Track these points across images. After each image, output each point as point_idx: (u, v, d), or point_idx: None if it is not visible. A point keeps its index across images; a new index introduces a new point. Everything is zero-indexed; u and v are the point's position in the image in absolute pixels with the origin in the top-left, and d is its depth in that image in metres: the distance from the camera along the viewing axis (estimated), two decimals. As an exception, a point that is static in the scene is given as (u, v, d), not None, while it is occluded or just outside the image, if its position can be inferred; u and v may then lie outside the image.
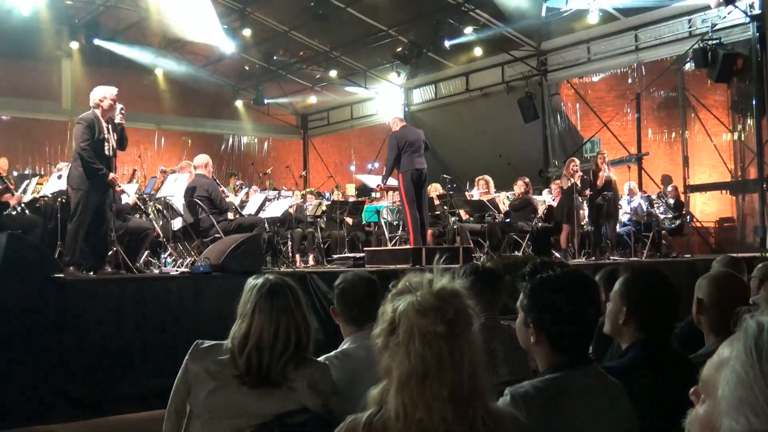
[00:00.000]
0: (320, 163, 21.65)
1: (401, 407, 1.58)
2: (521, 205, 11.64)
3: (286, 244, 11.94)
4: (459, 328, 1.60)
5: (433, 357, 1.57)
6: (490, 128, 17.15)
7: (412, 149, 9.60)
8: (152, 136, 20.19)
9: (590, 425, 2.01)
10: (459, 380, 1.58)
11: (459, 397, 1.57)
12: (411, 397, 1.57)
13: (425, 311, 1.60)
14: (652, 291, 2.60)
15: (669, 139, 15.32)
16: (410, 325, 1.60)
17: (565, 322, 2.08)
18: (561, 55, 15.91)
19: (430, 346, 1.57)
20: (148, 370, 6.26)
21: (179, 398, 2.58)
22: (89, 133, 7.32)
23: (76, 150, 7.38)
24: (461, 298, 1.64)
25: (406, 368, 1.58)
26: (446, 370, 1.57)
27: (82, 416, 5.96)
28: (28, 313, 5.93)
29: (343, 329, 3.10)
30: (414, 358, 1.58)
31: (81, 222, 7.29)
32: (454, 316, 1.60)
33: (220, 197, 9.11)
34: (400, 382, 1.59)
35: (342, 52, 18.36)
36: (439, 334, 1.57)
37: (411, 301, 1.63)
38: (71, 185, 7.47)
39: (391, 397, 1.61)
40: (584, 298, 2.14)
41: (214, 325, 6.35)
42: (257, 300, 2.50)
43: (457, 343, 1.59)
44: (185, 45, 18.64)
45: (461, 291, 1.66)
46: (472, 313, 1.64)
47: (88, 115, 7.46)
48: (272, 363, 2.46)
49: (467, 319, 1.63)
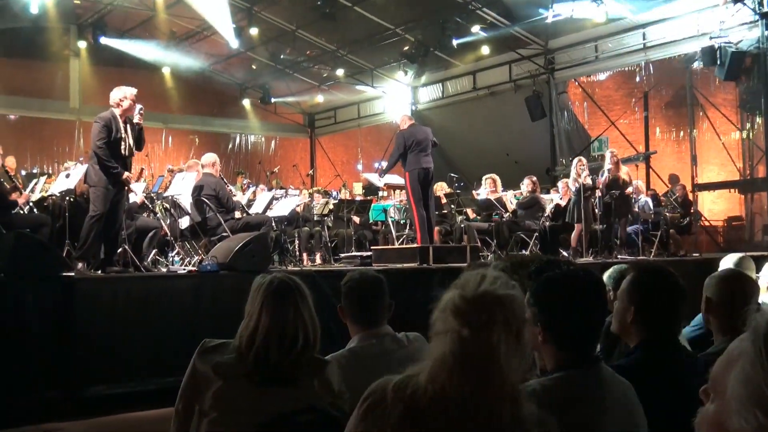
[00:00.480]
0: (327, 162, 21.67)
1: (430, 384, 1.64)
2: (529, 204, 11.62)
3: (294, 243, 11.95)
4: (490, 333, 1.61)
5: (462, 354, 1.61)
6: (497, 127, 17.13)
7: (420, 148, 9.59)
8: (159, 135, 20.24)
9: (599, 424, 2.01)
10: (485, 380, 1.60)
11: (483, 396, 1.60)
12: (439, 381, 1.62)
13: (457, 311, 1.63)
14: (659, 290, 2.59)
15: (677, 138, 15.28)
16: (444, 319, 1.65)
17: (572, 320, 2.07)
18: (568, 54, 15.86)
19: (458, 344, 1.61)
20: (156, 369, 6.27)
21: (187, 397, 2.57)
22: (106, 132, 7.37)
23: (93, 148, 7.42)
24: (502, 305, 1.64)
25: (438, 356, 1.64)
26: (472, 369, 1.60)
27: (89, 414, 5.98)
28: (36, 312, 5.95)
29: (351, 328, 3.09)
30: (445, 349, 1.63)
31: (97, 218, 7.35)
32: (486, 321, 1.61)
33: (227, 196, 9.12)
34: (431, 365, 1.65)
35: (349, 51, 18.36)
36: (465, 337, 1.60)
37: (453, 296, 1.67)
38: (89, 183, 7.53)
39: (425, 374, 1.66)
40: (591, 296, 2.13)
41: (222, 323, 6.35)
42: (265, 298, 2.50)
43: (487, 346, 1.60)
44: (192, 43, 18.68)
45: (507, 296, 1.65)
46: (512, 319, 1.64)
47: (105, 114, 7.50)
48: (280, 361, 2.46)
49: (504, 324, 1.62)
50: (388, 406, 1.66)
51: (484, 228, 11.57)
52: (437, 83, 18.81)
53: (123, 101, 7.58)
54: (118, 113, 7.55)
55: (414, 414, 1.62)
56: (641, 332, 2.58)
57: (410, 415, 1.63)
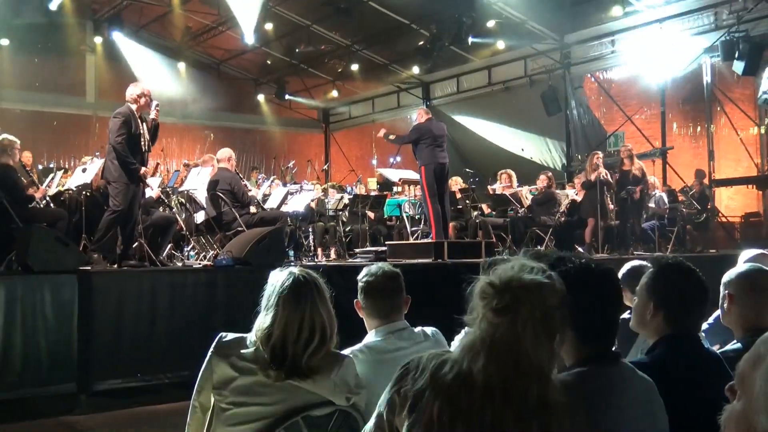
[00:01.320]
0: (342, 157, 21.67)
1: (457, 364, 1.69)
2: (544, 200, 11.57)
3: (308, 238, 11.96)
4: (514, 318, 1.64)
5: (488, 336, 1.65)
6: (512, 122, 17.05)
7: (436, 143, 9.56)
8: (175, 130, 20.30)
9: (620, 420, 1.98)
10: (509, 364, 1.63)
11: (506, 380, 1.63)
12: (467, 362, 1.67)
13: (484, 295, 1.68)
14: (679, 284, 2.56)
15: (694, 133, 15.16)
16: (474, 304, 1.71)
17: (591, 313, 2.04)
18: (584, 48, 15.76)
19: (485, 326, 1.67)
20: (172, 362, 6.31)
21: (203, 391, 2.57)
22: (126, 128, 7.42)
23: (112, 144, 7.45)
24: (528, 290, 1.66)
25: (469, 339, 1.71)
26: (499, 352, 1.64)
27: (105, 408, 6.02)
28: (52, 305, 5.99)
29: (367, 323, 3.08)
30: (476, 332, 1.69)
31: (118, 213, 7.42)
32: (509, 305, 1.64)
33: (242, 191, 9.15)
34: (461, 347, 1.72)
35: (364, 46, 18.34)
36: (489, 320, 1.65)
37: (483, 281, 1.71)
38: (108, 178, 7.59)
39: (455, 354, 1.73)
40: (608, 288, 2.11)
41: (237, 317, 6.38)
42: (282, 292, 2.49)
43: (512, 331, 1.63)
44: (207, 39, 18.73)
45: (533, 282, 1.68)
46: (539, 304, 1.66)
47: (124, 110, 7.54)
48: (297, 355, 2.45)
49: (528, 311, 1.64)
50: (416, 374, 1.73)
51: (499, 223, 11.54)
52: (452, 78, 18.74)
53: (141, 98, 7.65)
54: (134, 109, 7.57)
55: (435, 385, 1.68)
56: (661, 328, 2.54)
57: (431, 384, 1.68)
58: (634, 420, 2.01)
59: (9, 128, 14.97)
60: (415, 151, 9.76)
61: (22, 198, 7.81)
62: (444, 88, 19.12)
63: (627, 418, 2.00)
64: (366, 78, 19.70)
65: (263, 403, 2.44)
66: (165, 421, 5.63)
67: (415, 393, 1.71)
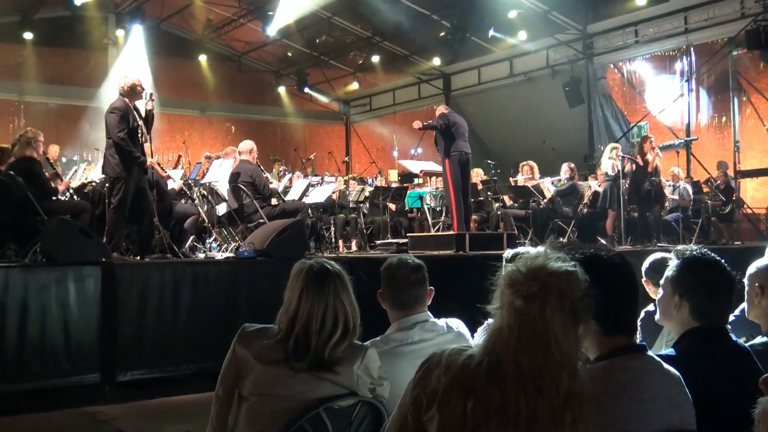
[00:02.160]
0: (362, 149, 21.66)
1: (485, 356, 1.68)
2: (566, 191, 11.49)
3: (329, 230, 11.97)
4: (543, 305, 1.64)
5: (516, 326, 1.65)
6: (534, 113, 16.94)
7: (460, 133, 9.53)
8: (196, 123, 20.40)
9: (646, 414, 1.96)
10: (540, 353, 1.63)
11: (538, 369, 1.63)
12: (495, 353, 1.67)
13: (512, 283, 1.68)
14: (705, 276, 2.51)
15: (719, 124, 14.97)
16: (501, 292, 1.70)
17: (612, 299, 2.02)
18: (607, 38, 15.61)
19: (513, 315, 1.66)
20: (194, 354, 6.34)
21: (227, 381, 2.58)
22: (125, 122, 7.32)
23: (113, 139, 7.32)
24: (556, 278, 1.66)
25: (495, 328, 1.70)
26: (527, 341, 1.64)
27: (129, 398, 6.06)
28: (77, 297, 6.03)
29: (390, 314, 3.07)
30: (501, 322, 1.68)
31: (122, 210, 7.34)
32: (538, 292, 1.64)
33: (263, 183, 9.16)
34: (488, 337, 1.71)
35: (384, 38, 18.29)
36: (519, 308, 1.65)
37: (508, 271, 1.71)
38: (108, 174, 7.47)
39: (481, 348, 1.72)
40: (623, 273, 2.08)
41: (259, 309, 6.41)
42: (305, 284, 2.49)
43: (540, 319, 1.63)
44: (228, 31, 18.78)
45: (561, 270, 1.68)
46: (567, 292, 1.66)
47: (120, 104, 7.41)
48: (319, 346, 2.45)
49: (557, 298, 1.65)
50: (441, 371, 1.71)
51: (520, 215, 11.48)
52: (473, 69, 18.64)
53: (134, 89, 7.51)
54: (128, 101, 7.47)
55: (464, 382, 1.66)
56: (688, 321, 2.50)
57: (459, 382, 1.67)
58: (661, 413, 1.98)
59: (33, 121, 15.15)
60: (438, 142, 9.72)
61: (47, 190, 7.86)
62: (465, 79, 19.03)
63: (653, 411, 1.97)
64: (387, 69, 19.68)
65: (286, 394, 2.44)
66: (189, 412, 5.66)
67: (444, 391, 1.69)
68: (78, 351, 5.95)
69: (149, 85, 7.79)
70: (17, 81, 17.54)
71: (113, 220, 7.36)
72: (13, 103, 17.93)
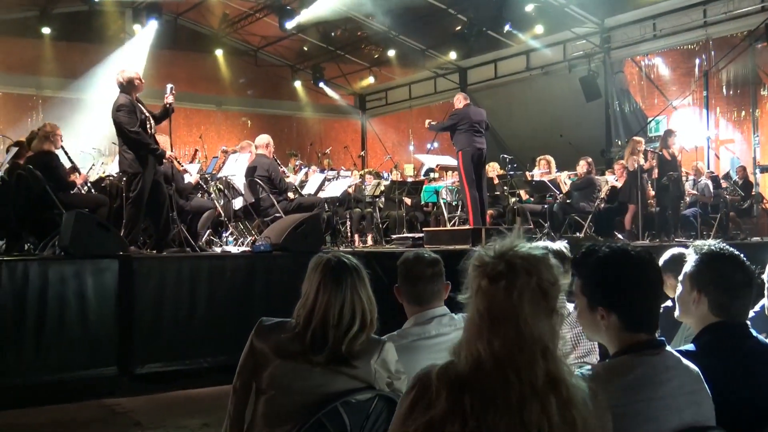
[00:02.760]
0: (378, 144, 21.65)
1: (471, 358, 1.63)
2: (583, 186, 11.41)
3: (345, 224, 11.98)
4: (510, 285, 1.61)
5: (484, 309, 1.62)
6: (550, 107, 16.86)
7: (474, 129, 9.49)
8: (213, 117, 20.46)
9: (665, 409, 1.94)
10: (513, 336, 1.60)
11: (513, 352, 1.59)
12: (477, 350, 1.62)
13: (478, 265, 1.67)
14: (724, 271, 2.49)
15: (738, 118, 14.82)
16: (470, 279, 1.69)
17: (635, 294, 2.01)
18: (625, 32, 15.49)
19: (481, 297, 1.64)
20: (211, 347, 6.36)
21: (244, 375, 2.59)
22: (134, 117, 7.27)
23: (128, 136, 7.28)
24: (522, 258, 1.64)
25: (469, 319, 1.67)
26: (496, 323, 1.61)
27: (146, 391, 6.10)
28: (95, 290, 6.07)
29: (407, 308, 3.07)
30: (473, 309, 1.66)
31: (139, 204, 7.36)
32: (504, 271, 1.62)
33: (279, 177, 9.18)
34: (468, 336, 1.67)
35: (400, 32, 18.25)
36: (484, 288, 1.63)
37: (475, 253, 1.71)
38: (125, 170, 7.44)
39: (463, 348, 1.66)
40: (648, 268, 2.06)
41: (275, 302, 6.42)
42: (322, 277, 2.49)
43: (508, 299, 1.61)
44: (245, 26, 18.80)
45: (528, 253, 1.66)
46: (535, 274, 1.63)
47: (124, 100, 7.35)
48: (337, 340, 2.45)
49: (525, 278, 1.62)
50: (432, 395, 1.64)
51: (537, 210, 11.43)
52: (489, 63, 18.57)
53: (133, 82, 7.44)
54: (132, 95, 7.41)
55: (457, 395, 1.61)
56: (707, 316, 2.48)
57: (453, 397, 1.61)
58: (680, 409, 1.97)
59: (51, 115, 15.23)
60: (453, 136, 9.70)
61: (64, 184, 7.92)
62: (481, 73, 18.96)
63: (672, 407, 1.96)
64: (403, 64, 19.64)
65: (303, 388, 2.44)
66: (206, 405, 5.69)
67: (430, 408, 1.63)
68: (95, 344, 5.99)
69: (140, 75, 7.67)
70: (35, 75, 17.66)
71: (130, 215, 7.38)
72: (31, 98, 18.05)
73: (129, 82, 7.44)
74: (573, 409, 1.61)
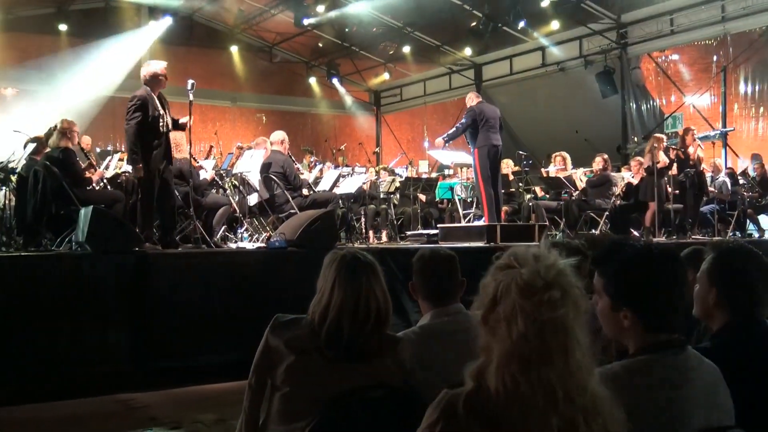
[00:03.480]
0: (392, 140, 21.63)
1: (501, 386, 1.51)
2: (599, 182, 11.35)
3: (360, 221, 11.98)
4: (565, 310, 1.51)
5: (537, 339, 1.49)
6: (566, 104, 16.79)
7: (489, 125, 9.46)
8: (228, 113, 20.51)
9: (686, 409, 1.92)
10: (566, 362, 1.50)
11: (566, 379, 1.50)
12: (513, 376, 1.50)
13: (530, 291, 1.51)
14: (742, 269, 2.47)
15: (756, 114, 14.68)
16: (513, 303, 1.52)
17: (661, 297, 1.98)
18: (642, 28, 15.37)
19: (533, 326, 1.49)
20: (228, 343, 6.38)
21: (260, 371, 2.59)
22: (142, 111, 7.21)
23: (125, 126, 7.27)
24: (568, 277, 1.54)
25: (508, 347, 1.51)
26: (552, 352, 1.49)
27: (161, 386, 6.12)
28: (111, 285, 6.11)
29: (422, 305, 3.06)
30: (516, 337, 1.50)
31: (148, 199, 7.35)
32: (561, 298, 1.50)
33: (294, 174, 9.19)
34: (500, 361, 1.52)
35: (415, 28, 18.21)
36: (544, 316, 1.49)
37: (515, 277, 1.54)
38: (131, 164, 7.45)
39: (491, 374, 1.53)
40: (675, 270, 2.03)
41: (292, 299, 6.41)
42: (337, 274, 2.48)
43: (563, 325, 1.50)
44: (260, 22, 18.82)
45: (567, 270, 1.56)
46: (579, 292, 1.54)
47: (140, 92, 7.31)
48: (352, 337, 2.44)
49: (575, 301, 1.53)
50: (463, 429, 1.53)
51: (552, 206, 11.38)
52: (504, 60, 18.50)
53: (156, 77, 7.41)
54: (151, 89, 7.37)
55: (494, 426, 1.51)
56: (725, 315, 2.46)
57: (489, 428, 1.51)
58: (701, 409, 1.95)
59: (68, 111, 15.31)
60: (468, 134, 9.66)
61: (81, 180, 7.96)
62: (496, 69, 18.89)
63: (694, 407, 1.94)
64: (417, 60, 19.59)
65: (318, 384, 2.44)
66: (221, 400, 5.70)
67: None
68: (111, 339, 6.02)
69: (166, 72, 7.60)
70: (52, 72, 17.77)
71: (141, 210, 7.41)
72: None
73: (153, 76, 7.42)
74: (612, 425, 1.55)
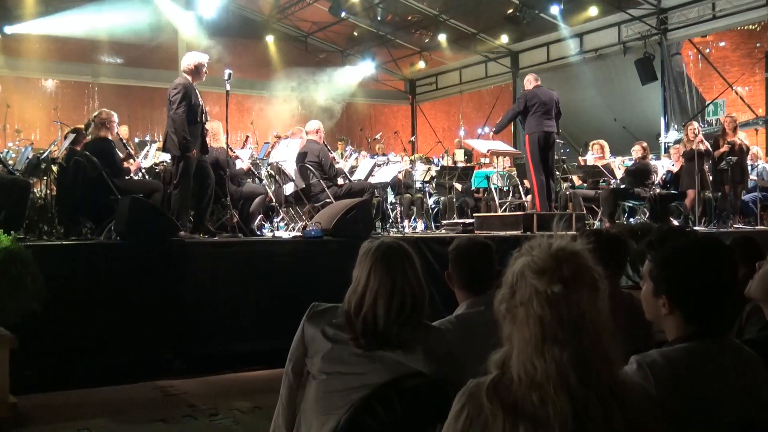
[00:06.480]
0: (428, 129, 21.54)
1: (522, 371, 1.54)
2: (638, 171, 11.16)
3: (395, 210, 11.96)
4: (579, 289, 1.52)
5: (552, 319, 1.51)
6: (604, 91, 16.56)
7: (543, 110, 9.31)
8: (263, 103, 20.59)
9: (724, 398, 1.88)
10: (580, 343, 1.51)
11: (581, 361, 1.51)
12: (531, 360, 1.52)
13: (541, 271, 1.54)
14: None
15: (801, 100, 14.36)
16: (526, 285, 1.55)
17: (703, 292, 1.93)
18: (683, 13, 15.07)
19: (548, 307, 1.52)
20: (262, 331, 6.42)
21: (296, 359, 2.60)
22: (186, 100, 7.29)
23: (171, 116, 7.33)
24: (581, 258, 1.56)
25: (525, 331, 1.54)
26: (566, 332, 1.51)
27: (199, 373, 6.19)
28: (149, 273, 6.18)
29: (458, 294, 3.04)
30: (532, 320, 1.53)
31: (185, 187, 7.41)
32: (572, 276, 1.53)
33: (330, 163, 9.19)
34: (520, 346, 1.55)
35: (451, 16, 18.08)
36: (557, 295, 1.51)
37: (527, 261, 1.58)
38: (170, 151, 7.50)
39: (513, 361, 1.57)
40: (723, 266, 1.98)
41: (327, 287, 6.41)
42: (373, 263, 2.47)
43: (577, 305, 1.52)
44: (295, 11, 18.85)
45: (582, 252, 1.58)
46: (596, 274, 1.56)
47: (182, 80, 7.41)
48: (388, 326, 2.43)
49: (589, 280, 1.55)
50: (488, 416, 1.56)
51: (590, 195, 11.23)
52: (542, 47, 18.29)
53: (197, 68, 7.49)
54: (191, 79, 7.45)
55: (516, 413, 1.53)
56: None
57: (512, 415, 1.53)
58: (740, 396, 1.91)
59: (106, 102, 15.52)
60: (523, 120, 9.54)
61: (120, 170, 8.05)
62: (533, 57, 18.68)
63: (732, 394, 1.90)
64: (453, 48, 19.46)
65: (354, 372, 2.44)
66: (258, 388, 5.75)
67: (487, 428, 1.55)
68: (150, 326, 6.09)
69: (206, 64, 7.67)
70: (91, 63, 18.04)
71: (177, 198, 7.46)
72: (87, 85, 18.45)
73: (197, 67, 7.53)
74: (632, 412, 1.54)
